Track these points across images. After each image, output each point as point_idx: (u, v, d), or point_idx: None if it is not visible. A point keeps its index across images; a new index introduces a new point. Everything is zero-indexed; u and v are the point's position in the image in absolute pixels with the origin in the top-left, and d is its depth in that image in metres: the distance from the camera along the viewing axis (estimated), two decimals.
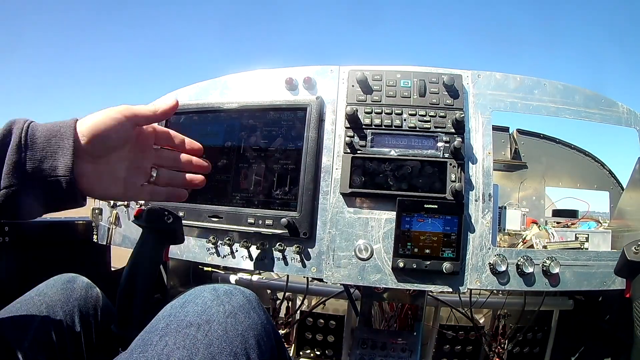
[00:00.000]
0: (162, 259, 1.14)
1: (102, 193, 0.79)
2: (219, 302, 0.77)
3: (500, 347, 1.74)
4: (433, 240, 1.15)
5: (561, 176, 2.13)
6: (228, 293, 0.80)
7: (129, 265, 1.06)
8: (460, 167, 1.17)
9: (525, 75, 1.29)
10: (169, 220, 1.08)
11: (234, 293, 0.81)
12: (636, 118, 1.30)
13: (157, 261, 1.11)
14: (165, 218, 1.08)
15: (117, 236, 1.52)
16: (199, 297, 0.78)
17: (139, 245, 1.08)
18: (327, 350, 1.85)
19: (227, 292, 0.81)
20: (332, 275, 1.20)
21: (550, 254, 1.18)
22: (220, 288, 0.82)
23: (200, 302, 0.77)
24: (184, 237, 1.17)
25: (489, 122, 1.24)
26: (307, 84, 1.30)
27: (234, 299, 0.79)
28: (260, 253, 1.27)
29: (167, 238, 1.11)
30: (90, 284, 1.06)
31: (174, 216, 1.09)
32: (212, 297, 0.78)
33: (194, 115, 1.40)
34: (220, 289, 0.82)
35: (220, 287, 0.82)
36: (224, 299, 0.78)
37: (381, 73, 1.25)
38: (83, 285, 1.03)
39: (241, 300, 0.80)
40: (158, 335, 0.71)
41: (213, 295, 0.79)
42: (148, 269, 1.07)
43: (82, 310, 0.99)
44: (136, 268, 1.05)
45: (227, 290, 0.82)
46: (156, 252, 1.10)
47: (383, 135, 1.22)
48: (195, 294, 0.80)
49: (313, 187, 1.22)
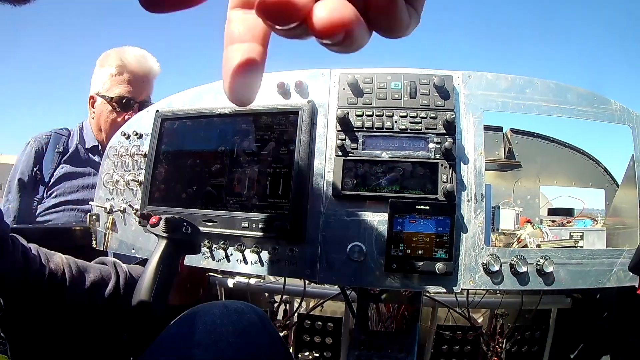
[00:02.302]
0: (179, 269, 1.13)
1: None
2: (229, 321, 0.75)
3: (499, 347, 1.74)
4: (425, 241, 1.15)
5: (556, 175, 2.13)
6: (239, 311, 0.78)
7: (145, 275, 1.04)
8: (451, 168, 1.17)
9: (517, 75, 1.29)
10: (188, 230, 1.08)
11: (245, 311, 0.79)
12: (629, 115, 1.30)
13: (174, 272, 1.09)
14: (184, 229, 1.08)
15: (114, 241, 1.53)
16: (208, 315, 0.76)
17: (156, 255, 1.06)
18: (325, 352, 1.85)
19: (238, 310, 0.78)
20: (326, 278, 1.20)
21: (544, 253, 1.18)
22: (231, 306, 0.80)
23: (209, 320, 0.75)
24: (201, 248, 1.16)
25: (480, 122, 1.24)
26: (298, 88, 1.31)
27: (245, 318, 0.77)
28: (254, 256, 1.28)
29: (184, 248, 1.11)
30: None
31: (193, 227, 1.09)
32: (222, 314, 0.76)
33: (188, 121, 1.41)
34: (231, 306, 0.80)
35: (231, 305, 0.80)
36: (234, 317, 0.76)
37: (372, 75, 1.26)
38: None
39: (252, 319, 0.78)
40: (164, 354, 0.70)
41: (223, 313, 0.77)
42: (165, 280, 1.06)
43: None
44: (153, 279, 1.04)
45: (238, 308, 0.79)
46: (173, 262, 1.09)
47: (374, 138, 1.22)
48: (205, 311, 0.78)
49: (305, 190, 1.23)
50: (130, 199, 1.48)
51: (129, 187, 1.48)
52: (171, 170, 1.39)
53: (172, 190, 1.38)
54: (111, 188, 1.53)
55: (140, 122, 1.52)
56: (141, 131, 1.49)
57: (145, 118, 1.50)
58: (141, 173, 1.45)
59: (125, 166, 1.52)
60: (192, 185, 1.35)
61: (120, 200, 1.51)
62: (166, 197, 1.38)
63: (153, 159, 1.40)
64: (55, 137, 1.94)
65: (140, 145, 1.49)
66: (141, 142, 1.49)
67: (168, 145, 1.41)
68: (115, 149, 1.52)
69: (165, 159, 1.41)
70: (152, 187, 1.39)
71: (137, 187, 1.47)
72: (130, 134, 1.50)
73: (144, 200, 1.40)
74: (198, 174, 1.35)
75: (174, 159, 1.40)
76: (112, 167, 1.54)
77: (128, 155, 1.50)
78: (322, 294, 1.78)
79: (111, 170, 1.53)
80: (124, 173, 1.50)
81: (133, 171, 1.49)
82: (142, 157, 1.46)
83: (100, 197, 1.55)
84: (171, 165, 1.40)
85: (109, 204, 1.50)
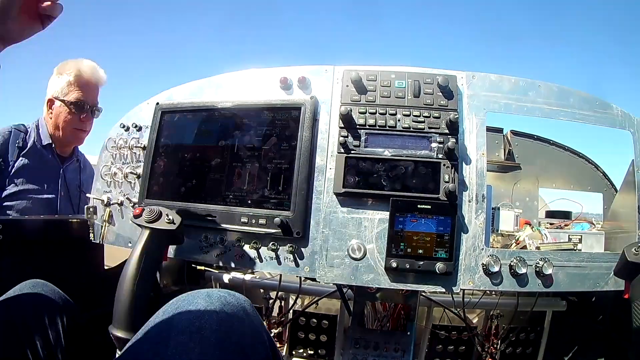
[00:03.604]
0: (162, 259, 1.12)
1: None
2: (212, 309, 0.75)
3: (493, 348, 1.74)
4: (426, 241, 1.15)
5: (555, 177, 2.14)
6: (222, 299, 0.79)
7: (129, 265, 1.04)
8: (453, 167, 1.17)
9: (520, 77, 1.29)
10: (170, 220, 1.07)
11: (228, 299, 0.80)
12: (630, 120, 1.31)
13: (157, 262, 1.09)
14: (166, 219, 1.07)
15: (110, 235, 1.51)
16: (192, 304, 0.77)
17: (139, 246, 1.06)
18: (319, 350, 1.84)
19: (221, 298, 0.79)
20: (325, 275, 1.20)
21: (543, 255, 1.19)
22: (214, 294, 0.80)
23: (194, 309, 0.75)
24: (184, 238, 1.16)
25: (483, 123, 1.24)
26: (301, 84, 1.30)
27: (228, 306, 0.78)
28: (253, 252, 1.27)
29: (167, 238, 1.10)
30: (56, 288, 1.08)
31: (175, 217, 1.08)
32: (206, 303, 0.77)
33: (188, 114, 1.40)
34: (214, 294, 0.80)
35: (214, 293, 0.81)
36: (217, 305, 0.77)
37: (376, 73, 1.25)
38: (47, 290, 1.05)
39: (235, 307, 0.79)
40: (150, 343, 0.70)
41: (206, 302, 0.77)
42: (148, 270, 1.05)
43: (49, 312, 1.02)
44: (136, 269, 1.03)
45: (221, 296, 0.80)
46: (156, 252, 1.08)
47: (377, 136, 1.22)
48: (189, 300, 0.78)
49: (306, 186, 1.22)
50: (128, 192, 1.47)
51: (127, 180, 1.47)
52: (170, 163, 1.38)
53: (171, 184, 1.36)
54: (109, 180, 1.51)
55: (140, 114, 1.50)
56: (140, 123, 1.47)
57: (145, 110, 1.48)
58: (140, 166, 1.44)
59: (124, 158, 1.50)
60: (191, 180, 1.34)
61: (118, 193, 1.49)
62: (165, 190, 1.37)
63: (152, 151, 1.39)
64: (15, 133, 2.17)
65: (139, 138, 1.47)
66: (140, 134, 1.47)
67: (168, 139, 1.40)
68: (114, 140, 1.50)
69: (165, 152, 1.39)
70: (150, 181, 1.38)
71: (135, 180, 1.45)
72: (130, 126, 1.48)
73: (142, 194, 1.38)
74: (198, 168, 1.34)
75: (174, 152, 1.39)
76: (110, 159, 1.52)
77: (127, 147, 1.48)
78: (317, 291, 1.77)
79: (109, 163, 1.51)
80: (122, 165, 1.48)
81: (131, 164, 1.47)
82: (141, 149, 1.45)
83: (98, 190, 1.53)
84: (170, 159, 1.38)
85: (107, 196, 1.48)
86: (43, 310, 1.03)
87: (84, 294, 1.33)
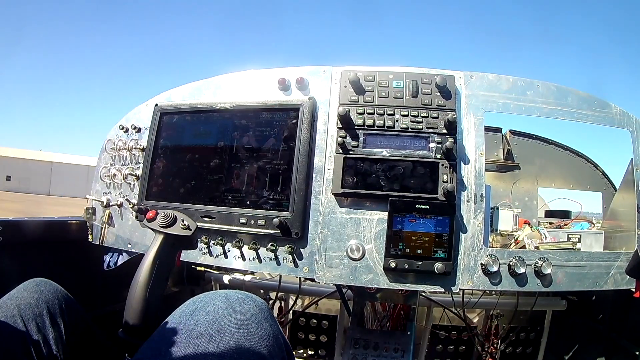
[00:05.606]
0: (175, 264, 1.11)
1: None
2: (230, 312, 0.74)
3: (493, 347, 1.74)
4: (425, 241, 1.15)
5: (554, 177, 2.13)
6: (240, 302, 0.78)
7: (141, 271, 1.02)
8: (452, 167, 1.17)
9: (518, 77, 1.29)
10: (185, 226, 1.06)
11: (246, 302, 0.78)
12: (629, 119, 1.31)
13: (170, 267, 1.07)
14: (181, 224, 1.06)
15: (110, 236, 1.51)
16: (210, 305, 0.76)
17: (152, 251, 1.04)
18: (319, 350, 1.85)
19: (239, 301, 0.78)
20: (324, 276, 1.20)
21: (542, 255, 1.19)
22: (233, 296, 0.79)
23: (212, 311, 0.74)
24: (197, 243, 1.15)
25: (481, 123, 1.24)
26: (299, 85, 1.30)
27: (247, 308, 0.77)
28: (252, 253, 1.27)
29: (181, 243, 1.09)
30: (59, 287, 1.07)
31: (190, 222, 1.07)
32: (224, 305, 0.76)
33: (187, 115, 1.40)
34: (232, 296, 0.79)
35: (233, 295, 0.79)
36: (235, 307, 0.76)
37: (374, 74, 1.25)
38: (50, 289, 1.05)
39: (254, 310, 0.77)
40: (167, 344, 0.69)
41: (225, 304, 0.76)
42: (160, 276, 1.03)
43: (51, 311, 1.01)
44: (149, 275, 1.02)
45: (239, 298, 0.79)
46: (169, 257, 1.07)
47: (375, 136, 1.22)
48: (206, 301, 0.77)
49: (305, 187, 1.22)
50: (128, 193, 1.47)
51: (126, 181, 1.47)
52: (169, 164, 1.38)
53: (170, 185, 1.37)
54: (108, 182, 1.51)
55: (139, 116, 1.50)
56: (139, 125, 1.48)
57: (144, 112, 1.49)
58: (139, 167, 1.44)
59: (123, 160, 1.50)
60: (190, 181, 1.34)
61: (117, 194, 1.49)
62: (164, 191, 1.37)
63: (151, 153, 1.39)
64: None
65: (138, 139, 1.47)
66: (139, 135, 1.48)
67: (167, 140, 1.40)
68: (113, 142, 1.51)
69: (164, 153, 1.39)
70: (149, 182, 1.38)
71: (134, 181, 1.45)
72: (129, 128, 1.49)
73: (142, 195, 1.38)
74: (196, 169, 1.34)
75: (173, 153, 1.39)
76: (109, 161, 1.52)
77: (126, 149, 1.48)
78: (317, 291, 1.78)
79: (108, 164, 1.52)
80: (122, 167, 1.48)
81: (131, 165, 1.47)
82: (140, 151, 1.45)
83: (97, 191, 1.53)
84: (169, 160, 1.38)
85: (106, 197, 1.49)
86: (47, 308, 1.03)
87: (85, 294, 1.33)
